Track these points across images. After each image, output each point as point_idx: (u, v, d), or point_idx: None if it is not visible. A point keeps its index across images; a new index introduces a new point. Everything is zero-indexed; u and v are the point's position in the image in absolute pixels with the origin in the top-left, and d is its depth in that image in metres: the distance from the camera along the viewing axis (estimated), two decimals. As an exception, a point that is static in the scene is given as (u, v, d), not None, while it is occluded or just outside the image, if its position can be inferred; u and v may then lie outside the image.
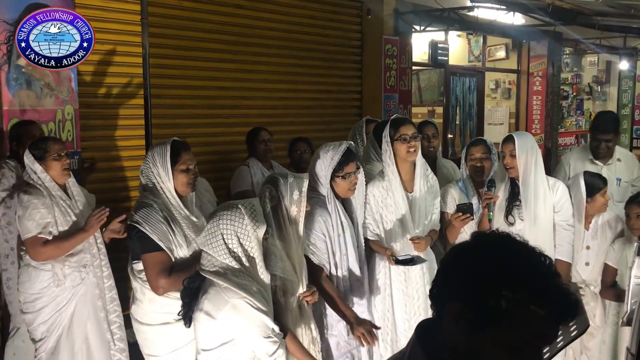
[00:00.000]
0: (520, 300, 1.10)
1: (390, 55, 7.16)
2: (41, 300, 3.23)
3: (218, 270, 2.32)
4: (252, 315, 2.27)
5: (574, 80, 12.31)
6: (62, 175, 3.29)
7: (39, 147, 3.27)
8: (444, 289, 1.20)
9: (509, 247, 1.17)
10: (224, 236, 2.32)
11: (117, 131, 4.99)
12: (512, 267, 1.13)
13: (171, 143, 2.85)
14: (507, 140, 3.50)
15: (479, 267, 1.14)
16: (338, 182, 3.10)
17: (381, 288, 3.41)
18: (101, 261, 3.36)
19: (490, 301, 1.11)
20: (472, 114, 9.32)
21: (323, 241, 3.04)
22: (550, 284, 1.12)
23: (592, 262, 3.59)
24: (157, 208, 2.76)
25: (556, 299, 1.12)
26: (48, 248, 3.17)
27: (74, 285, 3.26)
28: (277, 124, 5.98)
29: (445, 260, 1.24)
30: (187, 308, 2.40)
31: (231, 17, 5.75)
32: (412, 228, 3.38)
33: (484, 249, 1.18)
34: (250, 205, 2.41)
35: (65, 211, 3.26)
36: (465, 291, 1.14)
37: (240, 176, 4.48)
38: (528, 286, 1.11)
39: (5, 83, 4.01)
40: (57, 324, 3.24)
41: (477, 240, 1.23)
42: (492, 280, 1.12)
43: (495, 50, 10.10)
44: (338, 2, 6.82)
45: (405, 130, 3.34)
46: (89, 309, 3.30)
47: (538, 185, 3.45)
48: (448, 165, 4.36)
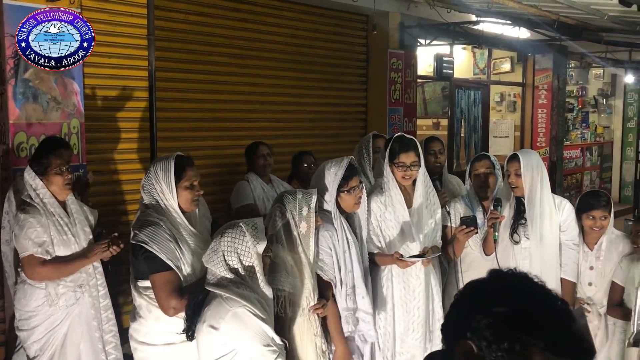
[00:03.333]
0: (536, 345, 1.08)
1: (396, 68, 7.17)
2: (35, 319, 3.20)
3: (219, 282, 2.40)
4: (252, 322, 2.32)
5: (579, 93, 12.30)
6: (63, 189, 3.27)
7: (40, 163, 3.26)
8: (458, 325, 1.17)
9: (527, 289, 1.16)
10: (224, 254, 2.41)
11: (123, 145, 4.99)
12: (529, 311, 1.11)
13: (175, 158, 2.77)
14: (512, 159, 3.49)
15: (496, 308, 1.12)
16: (343, 197, 3.12)
17: (383, 302, 3.41)
18: (97, 280, 3.34)
19: (505, 344, 1.09)
20: (477, 127, 9.31)
21: (330, 256, 3.05)
22: (566, 331, 1.11)
23: (594, 282, 3.56)
24: (163, 226, 2.68)
25: (571, 346, 1.10)
26: (46, 269, 3.16)
27: (68, 305, 3.22)
28: (282, 137, 5.99)
29: (460, 296, 1.23)
30: (190, 322, 2.43)
31: (237, 32, 5.77)
32: (411, 242, 3.38)
33: (501, 290, 1.17)
34: (252, 223, 2.49)
35: (61, 230, 3.23)
36: (479, 332, 1.12)
37: (241, 191, 4.46)
38: (544, 332, 1.09)
39: (12, 97, 4.02)
40: (50, 343, 3.21)
41: (494, 280, 1.21)
42: (508, 323, 1.10)
43: (500, 63, 10.11)
44: (343, 16, 6.84)
45: (404, 158, 3.34)
46: (83, 328, 3.27)
47: (544, 203, 3.43)
48: (454, 180, 4.36)
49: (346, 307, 3.10)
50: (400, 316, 3.39)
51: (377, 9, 6.35)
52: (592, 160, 12.00)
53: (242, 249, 2.40)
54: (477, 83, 9.52)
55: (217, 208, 4.55)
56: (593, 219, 3.51)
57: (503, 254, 3.46)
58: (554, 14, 6.28)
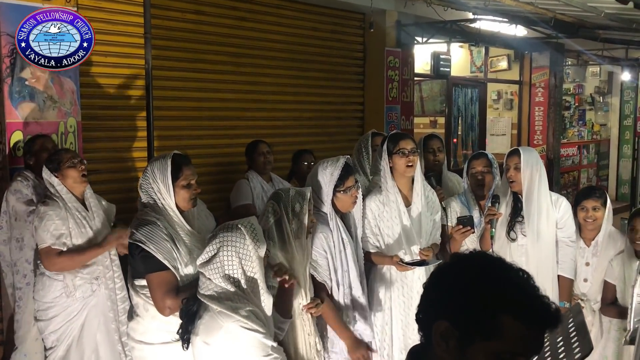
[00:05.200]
0: (505, 312, 1.15)
1: (393, 67, 7.17)
2: (53, 310, 3.27)
3: (213, 294, 2.30)
4: (247, 337, 2.25)
5: (576, 91, 12.31)
6: (80, 182, 3.33)
7: (52, 160, 3.32)
8: (430, 310, 1.25)
9: (488, 264, 1.23)
10: (224, 258, 2.29)
11: (120, 143, 4.99)
12: (495, 287, 1.18)
13: (172, 157, 2.76)
14: (513, 154, 3.50)
15: (462, 284, 1.19)
16: (340, 197, 3.10)
17: (380, 302, 3.40)
18: (114, 273, 3.40)
19: (477, 316, 1.16)
20: (474, 125, 9.32)
21: (324, 257, 3.03)
22: (531, 297, 1.18)
23: (589, 278, 3.57)
24: (160, 225, 2.67)
25: (538, 310, 1.17)
26: (62, 259, 3.21)
27: (84, 296, 3.29)
28: (279, 135, 5.99)
29: (427, 283, 1.29)
30: (184, 330, 2.39)
31: (234, 30, 5.77)
32: (409, 242, 3.38)
33: (464, 268, 1.23)
34: (250, 224, 2.39)
35: (80, 223, 3.29)
36: (451, 309, 1.18)
37: (240, 190, 4.46)
38: (511, 299, 1.16)
39: (8, 96, 4.02)
40: (67, 334, 3.27)
41: (456, 260, 1.28)
42: (477, 295, 1.17)
43: (497, 61, 10.11)
44: (340, 14, 6.84)
45: (404, 144, 3.35)
46: (99, 320, 3.34)
47: (541, 201, 3.44)
48: (454, 178, 4.36)
49: (344, 307, 3.10)
50: (397, 315, 3.39)
51: (374, 7, 6.34)
52: (589, 158, 12.02)
53: (243, 253, 2.30)
54: (474, 81, 9.53)
55: (215, 207, 4.54)
56: (585, 210, 3.51)
57: (499, 251, 3.46)
58: (551, 11, 6.28)
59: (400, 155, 3.33)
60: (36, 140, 3.89)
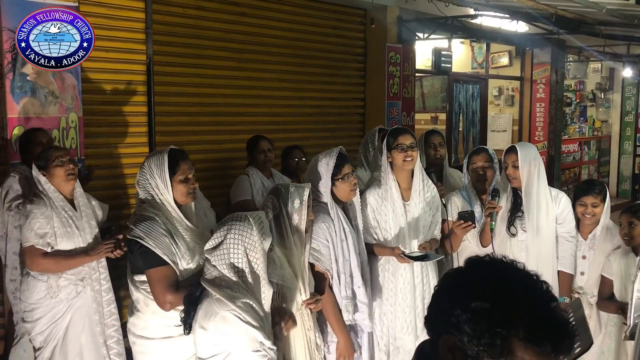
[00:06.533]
0: (516, 335, 1.09)
1: (394, 63, 7.17)
2: (38, 311, 3.23)
3: (214, 279, 2.34)
4: (240, 328, 2.29)
5: (577, 87, 12.29)
6: (66, 181, 3.25)
7: (41, 158, 3.28)
8: (439, 318, 1.18)
9: (504, 277, 1.16)
10: (230, 246, 2.34)
11: (121, 139, 5.00)
12: (507, 303, 1.11)
13: (168, 152, 2.74)
14: (510, 151, 3.51)
15: (474, 303, 1.12)
16: (339, 186, 3.15)
17: (381, 292, 3.43)
18: (100, 274, 3.34)
19: (485, 339, 1.10)
20: (475, 121, 9.31)
21: (326, 247, 3.07)
22: (546, 318, 1.11)
23: (586, 271, 3.57)
24: (159, 221, 2.68)
25: (553, 331, 1.10)
26: (46, 261, 3.18)
27: (69, 298, 3.24)
28: (280, 131, 5.99)
29: (439, 289, 1.22)
30: (186, 315, 2.42)
31: (235, 25, 5.77)
32: (407, 237, 3.40)
33: (478, 282, 1.16)
34: (259, 217, 2.45)
35: (66, 222, 3.23)
36: (459, 327, 1.12)
37: (240, 186, 4.45)
38: (523, 322, 1.09)
39: (10, 91, 4.03)
40: (52, 335, 3.23)
41: (471, 270, 1.20)
42: (487, 318, 1.10)
43: (498, 58, 10.10)
44: (342, 10, 6.83)
45: (403, 139, 3.38)
46: (84, 322, 3.28)
47: (541, 196, 3.45)
48: (455, 174, 4.36)
49: (345, 296, 3.12)
50: (397, 306, 3.41)
51: (375, 2, 6.34)
52: (590, 154, 12.02)
53: (250, 243, 2.35)
54: (475, 77, 9.52)
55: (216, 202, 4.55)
56: (584, 206, 3.51)
57: (500, 247, 3.47)
58: (552, 7, 6.28)
59: (399, 150, 3.36)
60: (30, 134, 3.88)
